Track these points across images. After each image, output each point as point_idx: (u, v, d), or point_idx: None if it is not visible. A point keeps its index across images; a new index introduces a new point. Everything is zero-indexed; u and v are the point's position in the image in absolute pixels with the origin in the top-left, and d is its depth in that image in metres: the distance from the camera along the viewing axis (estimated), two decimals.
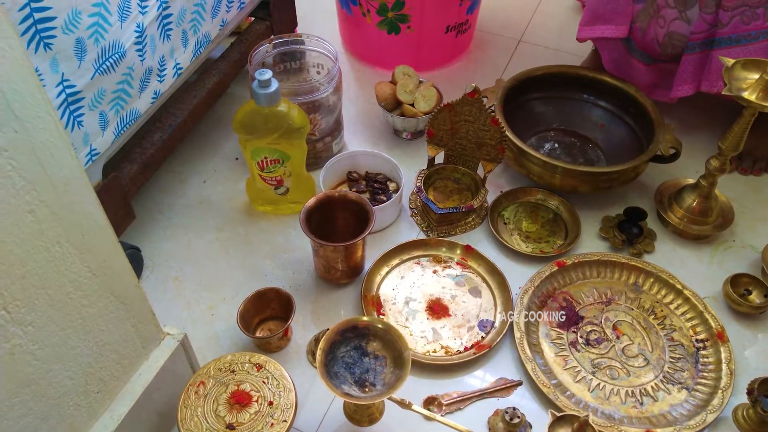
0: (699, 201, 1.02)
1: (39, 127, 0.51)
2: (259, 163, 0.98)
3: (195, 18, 0.98)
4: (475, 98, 0.99)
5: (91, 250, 0.60)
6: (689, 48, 1.02)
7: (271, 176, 1.00)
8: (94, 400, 0.67)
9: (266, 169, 0.99)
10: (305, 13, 1.39)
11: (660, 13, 1.01)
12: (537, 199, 1.09)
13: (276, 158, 0.98)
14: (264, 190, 1.03)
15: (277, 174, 1.00)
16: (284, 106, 0.95)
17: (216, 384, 0.76)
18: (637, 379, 0.88)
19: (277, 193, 1.03)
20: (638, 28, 1.06)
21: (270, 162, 0.98)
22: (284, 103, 0.95)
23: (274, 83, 0.91)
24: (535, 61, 1.19)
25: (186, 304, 0.97)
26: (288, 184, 1.02)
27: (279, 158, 0.98)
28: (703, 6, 0.98)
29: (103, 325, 0.65)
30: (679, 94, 1.07)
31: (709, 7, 0.97)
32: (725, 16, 0.97)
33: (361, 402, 0.73)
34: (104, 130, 0.85)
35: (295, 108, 0.96)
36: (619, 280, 0.98)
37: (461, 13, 1.28)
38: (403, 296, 0.96)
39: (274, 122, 0.94)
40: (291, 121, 0.94)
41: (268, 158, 0.97)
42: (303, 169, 1.03)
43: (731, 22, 0.97)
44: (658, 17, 1.02)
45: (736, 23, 0.97)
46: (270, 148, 0.96)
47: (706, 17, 0.98)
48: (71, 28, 0.74)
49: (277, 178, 1.01)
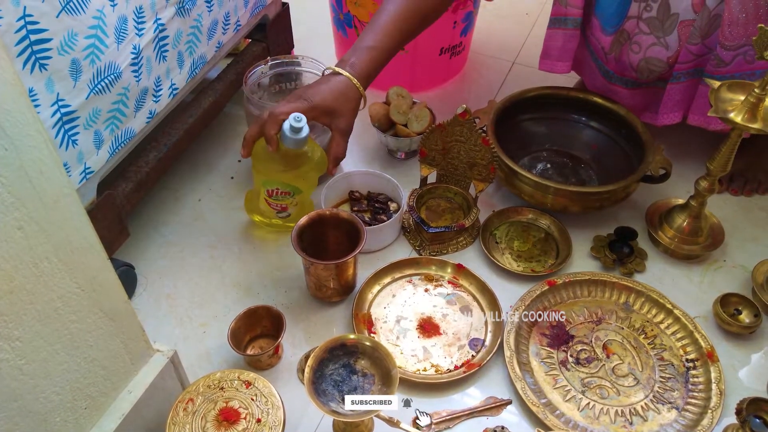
0: (689, 221, 1.03)
1: (29, 145, 0.52)
2: (268, 191, 0.99)
3: (191, 40, 1.00)
4: (467, 119, 1.00)
5: (80, 267, 0.61)
6: (674, 77, 1.03)
7: (278, 203, 1.01)
8: (81, 416, 0.68)
9: (274, 197, 1.00)
10: (302, 35, 1.41)
11: (633, 39, 1.03)
12: (528, 219, 1.10)
13: (287, 191, 0.99)
14: (266, 211, 1.04)
15: (285, 203, 1.01)
16: (308, 148, 0.96)
17: (205, 401, 0.76)
18: (627, 399, 0.88)
19: (279, 217, 1.04)
20: (612, 59, 1.08)
21: (281, 193, 0.99)
22: (309, 145, 0.95)
23: (305, 130, 0.90)
24: (529, 82, 1.21)
25: (178, 321, 0.97)
26: (292, 210, 1.03)
27: (290, 191, 0.99)
28: (689, 38, 0.98)
29: (92, 341, 0.65)
30: (665, 122, 1.08)
31: (695, 38, 0.98)
32: (727, 55, 0.97)
33: (349, 420, 0.73)
34: (99, 148, 0.87)
35: (318, 150, 0.97)
36: (609, 300, 0.99)
37: (455, 36, 1.30)
38: (395, 315, 0.97)
39: (295, 162, 0.95)
40: (311, 164, 0.96)
41: (279, 190, 0.99)
42: (309, 197, 1.05)
43: (734, 61, 0.97)
44: (631, 43, 1.03)
45: (740, 62, 0.97)
46: (283, 183, 0.98)
47: (692, 48, 0.99)
48: (67, 49, 0.76)
49: (283, 205, 1.02)
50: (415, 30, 0.99)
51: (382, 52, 0.95)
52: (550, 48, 1.14)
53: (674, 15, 0.98)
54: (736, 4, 0.92)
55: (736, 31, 0.94)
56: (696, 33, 0.97)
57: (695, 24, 0.97)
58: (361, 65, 0.93)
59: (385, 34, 0.95)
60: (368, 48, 0.94)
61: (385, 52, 0.95)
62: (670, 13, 0.97)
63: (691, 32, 0.98)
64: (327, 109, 0.91)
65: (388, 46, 0.95)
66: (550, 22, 1.12)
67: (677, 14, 0.97)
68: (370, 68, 0.94)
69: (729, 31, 0.94)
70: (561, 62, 1.14)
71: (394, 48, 0.96)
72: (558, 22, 1.10)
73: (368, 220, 1.08)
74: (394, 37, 0.95)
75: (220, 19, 1.06)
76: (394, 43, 0.96)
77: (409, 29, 0.97)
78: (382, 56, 0.95)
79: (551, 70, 1.16)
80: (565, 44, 1.12)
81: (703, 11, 0.95)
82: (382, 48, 0.95)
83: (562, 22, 1.10)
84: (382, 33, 0.95)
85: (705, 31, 0.97)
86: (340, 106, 0.92)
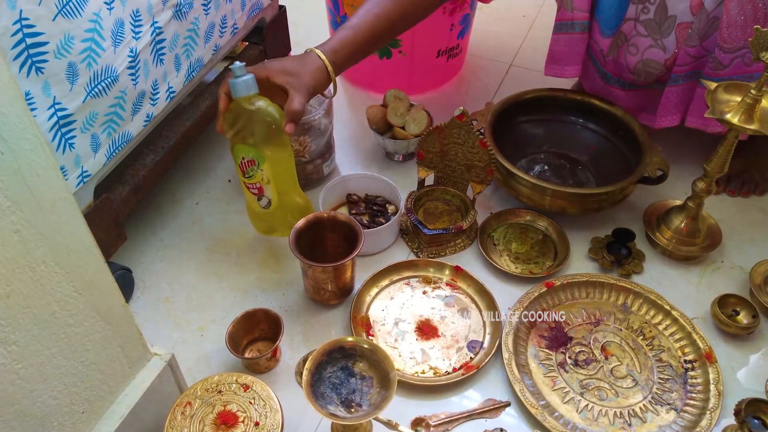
0: (687, 222, 1.03)
1: (25, 148, 0.52)
2: (240, 167, 0.96)
3: (188, 43, 1.00)
4: (464, 121, 1.00)
5: (77, 270, 0.61)
6: (672, 80, 1.03)
7: (252, 182, 0.97)
8: (79, 421, 0.68)
9: (246, 174, 0.96)
10: (299, 38, 1.41)
11: (630, 42, 1.03)
12: (526, 221, 1.10)
13: (251, 158, 0.94)
14: (251, 203, 1.00)
15: (256, 180, 0.96)
16: (262, 102, 0.91)
17: (203, 404, 0.76)
18: (625, 400, 0.87)
19: (261, 206, 0.99)
20: (610, 60, 1.08)
21: (247, 163, 0.95)
22: (262, 99, 0.91)
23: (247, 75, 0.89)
24: (526, 84, 1.21)
25: (176, 324, 0.97)
26: (269, 194, 0.98)
27: (254, 158, 0.94)
28: (687, 40, 0.99)
29: (89, 344, 0.65)
30: (663, 124, 1.08)
31: (693, 41, 0.98)
32: (726, 58, 0.97)
33: (347, 422, 0.73)
34: (96, 152, 0.86)
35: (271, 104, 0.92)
36: (607, 301, 0.99)
37: (452, 38, 1.30)
38: (393, 317, 0.97)
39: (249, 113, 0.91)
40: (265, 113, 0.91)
41: (245, 159, 0.94)
42: (291, 185, 1.00)
43: (732, 63, 0.97)
44: (628, 45, 1.03)
45: (738, 65, 0.97)
46: (247, 147, 0.93)
47: (690, 50, 0.99)
48: (63, 52, 0.76)
49: (257, 185, 0.97)
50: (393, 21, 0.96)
51: (356, 31, 0.93)
52: (556, 53, 1.14)
53: (671, 17, 0.98)
54: (734, 6, 0.92)
55: (735, 33, 0.94)
56: (694, 35, 0.97)
57: (693, 26, 0.97)
58: (331, 42, 0.93)
59: (359, 18, 0.94)
60: (342, 28, 0.94)
61: (360, 32, 0.94)
62: (668, 15, 0.98)
63: (689, 34, 0.98)
64: (283, 68, 0.90)
65: (363, 27, 0.94)
66: (555, 27, 1.11)
67: (674, 16, 0.97)
68: (337, 45, 0.93)
69: (727, 33, 0.94)
70: (570, 66, 1.14)
71: (369, 29, 0.94)
72: (564, 26, 1.10)
73: (366, 223, 1.07)
74: (369, 20, 0.94)
75: (217, 22, 1.06)
76: (370, 24, 0.94)
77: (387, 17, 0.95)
78: (356, 35, 0.93)
79: (559, 74, 1.16)
80: (572, 48, 1.11)
81: (701, 13, 0.95)
82: (356, 27, 0.94)
83: (569, 26, 1.09)
84: (358, 17, 0.94)
85: (703, 33, 0.97)
86: (297, 67, 0.90)
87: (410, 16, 0.98)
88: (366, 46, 0.95)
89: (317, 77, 0.91)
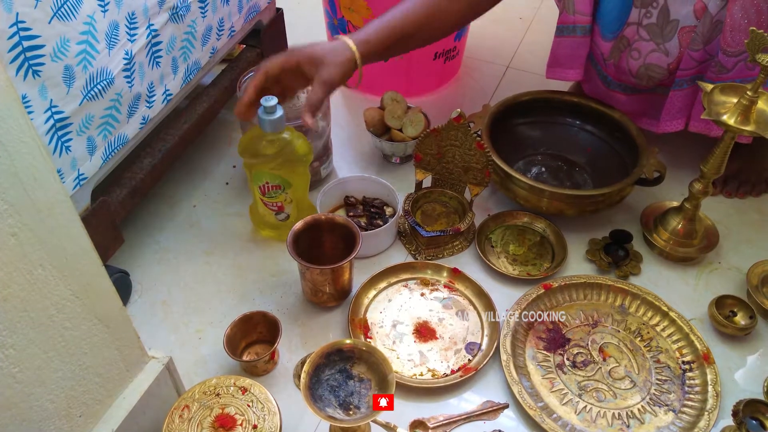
0: (684, 223, 1.03)
1: (23, 152, 0.52)
2: (260, 188, 0.99)
3: (185, 46, 1.00)
4: (461, 123, 1.00)
5: (74, 273, 0.60)
6: (677, 84, 1.03)
7: (272, 201, 1.01)
8: (76, 424, 0.67)
9: (267, 194, 1.00)
10: (296, 40, 1.41)
11: (633, 46, 1.03)
12: (524, 223, 1.10)
13: (277, 184, 0.98)
14: (265, 215, 1.04)
15: (279, 200, 1.00)
16: (288, 133, 0.95)
17: (200, 407, 0.76)
18: (623, 402, 0.88)
19: (278, 219, 1.04)
20: (611, 64, 1.08)
21: (271, 188, 0.98)
22: (288, 131, 0.96)
23: (279, 110, 0.92)
24: (523, 86, 1.21)
25: (174, 327, 0.97)
26: (289, 210, 1.03)
27: (280, 184, 0.98)
28: (691, 44, 0.99)
29: (87, 348, 0.65)
30: (667, 129, 1.08)
31: (696, 44, 0.98)
32: (729, 62, 0.97)
33: (345, 425, 0.73)
34: (92, 155, 0.86)
35: (300, 137, 0.97)
36: (605, 303, 0.99)
37: (449, 40, 1.30)
38: (391, 319, 0.97)
39: (277, 149, 0.95)
40: (293, 149, 0.95)
41: (269, 183, 0.98)
42: (305, 196, 1.04)
43: (735, 67, 0.97)
44: (630, 50, 1.03)
45: (741, 68, 0.97)
46: (271, 173, 0.97)
47: (693, 54, 0.99)
48: (59, 55, 0.76)
49: (278, 204, 1.01)
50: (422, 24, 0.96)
51: (388, 27, 0.93)
52: (558, 56, 1.14)
53: (674, 21, 0.98)
54: (738, 10, 0.92)
55: (738, 36, 0.94)
56: (698, 39, 0.98)
57: (697, 30, 0.97)
58: (363, 33, 0.92)
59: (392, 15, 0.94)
60: (374, 22, 0.93)
61: (391, 30, 0.93)
62: (670, 19, 0.98)
63: (692, 38, 0.98)
64: (312, 56, 0.89)
65: (395, 25, 0.93)
66: (557, 30, 1.11)
67: (677, 20, 0.98)
68: (371, 36, 0.92)
69: (731, 36, 0.94)
70: (572, 70, 1.14)
71: (400, 27, 0.94)
72: (566, 30, 1.10)
73: (364, 225, 1.07)
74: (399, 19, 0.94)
75: (214, 24, 1.06)
76: (400, 23, 0.94)
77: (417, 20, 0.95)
78: (388, 31, 0.93)
79: (562, 78, 1.16)
80: (574, 51, 1.11)
81: (705, 17, 0.95)
82: (388, 23, 0.93)
83: (571, 30, 1.09)
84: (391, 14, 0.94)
85: (707, 37, 0.97)
86: (327, 57, 0.89)
87: (437, 22, 0.97)
88: (395, 44, 0.95)
89: (344, 69, 0.90)
